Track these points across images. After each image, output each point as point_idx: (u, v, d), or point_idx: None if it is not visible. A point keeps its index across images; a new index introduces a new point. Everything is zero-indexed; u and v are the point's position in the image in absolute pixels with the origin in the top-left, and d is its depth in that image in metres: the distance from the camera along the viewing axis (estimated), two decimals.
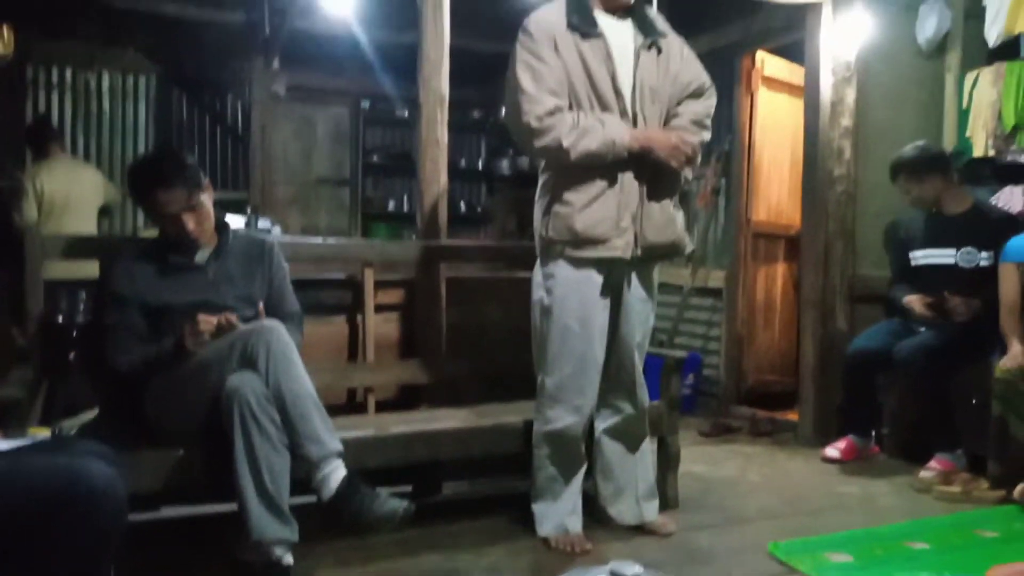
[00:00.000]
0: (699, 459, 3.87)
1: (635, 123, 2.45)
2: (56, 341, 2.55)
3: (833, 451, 3.80)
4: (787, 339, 5.11)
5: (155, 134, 6.37)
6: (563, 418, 2.56)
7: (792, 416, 4.46)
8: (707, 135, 2.60)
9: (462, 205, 7.71)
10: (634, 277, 2.58)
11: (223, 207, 5.61)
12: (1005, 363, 3.20)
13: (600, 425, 2.73)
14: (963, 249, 3.63)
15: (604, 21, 2.48)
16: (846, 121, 4.06)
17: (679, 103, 2.56)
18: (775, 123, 4.89)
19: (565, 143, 2.35)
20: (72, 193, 4.84)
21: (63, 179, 4.84)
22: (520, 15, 3.48)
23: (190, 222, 2.45)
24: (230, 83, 6.55)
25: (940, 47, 4.21)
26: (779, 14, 4.28)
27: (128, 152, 6.29)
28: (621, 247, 2.44)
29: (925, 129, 4.16)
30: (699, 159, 2.58)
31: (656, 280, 2.68)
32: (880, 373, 3.73)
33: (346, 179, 7.15)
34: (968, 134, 4.13)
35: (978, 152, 4.08)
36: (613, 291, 2.56)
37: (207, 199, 2.53)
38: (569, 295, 2.49)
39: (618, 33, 2.49)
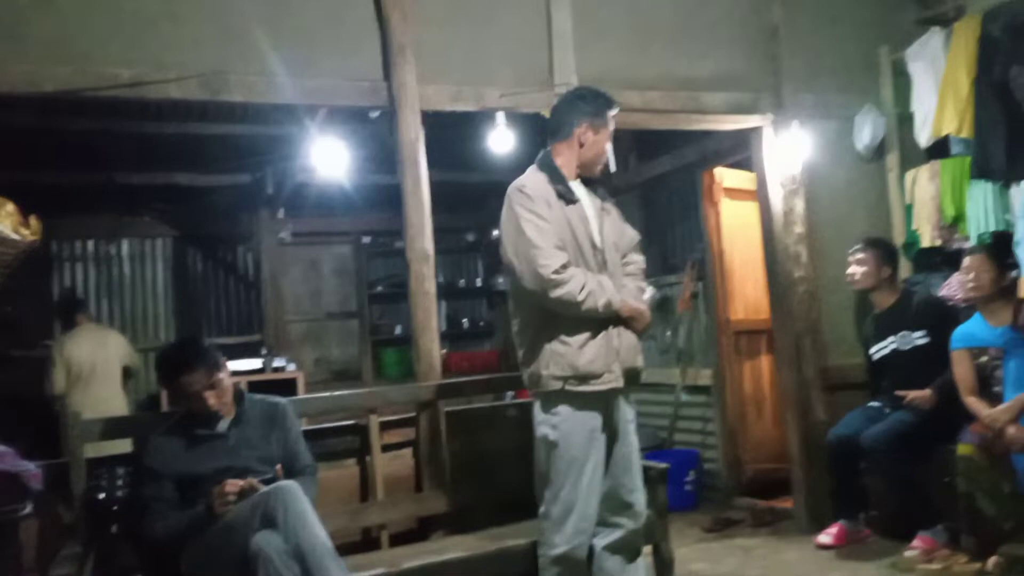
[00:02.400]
0: (700, 557, 4.08)
1: (610, 274, 2.83)
2: (99, 516, 2.86)
3: (826, 537, 4.02)
4: (781, 427, 5.33)
5: (173, 291, 6.85)
6: (571, 541, 2.77)
7: (791, 503, 4.67)
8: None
9: (465, 322, 8.11)
10: (622, 402, 2.88)
11: (239, 351, 6.04)
12: (993, 415, 3.45)
13: (599, 543, 2.90)
14: (899, 334, 4.06)
15: (575, 188, 2.87)
16: (799, 228, 4.43)
17: (625, 255, 2.96)
18: (742, 227, 5.27)
19: (578, 299, 2.68)
20: (98, 359, 5.23)
21: (89, 347, 5.24)
22: (495, 154, 3.90)
23: (211, 398, 2.82)
24: (239, 236, 7.06)
25: (879, 151, 4.64)
26: (729, 135, 4.71)
27: (149, 311, 6.78)
28: (614, 379, 2.77)
29: (875, 226, 4.55)
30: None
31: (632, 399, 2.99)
32: (860, 458, 3.98)
33: (353, 311, 7.58)
34: (915, 227, 4.51)
35: (926, 242, 4.46)
36: (610, 418, 2.84)
37: (225, 376, 2.90)
38: (576, 430, 2.75)
39: (585, 197, 2.89)
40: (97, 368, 5.19)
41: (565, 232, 2.76)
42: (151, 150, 5.64)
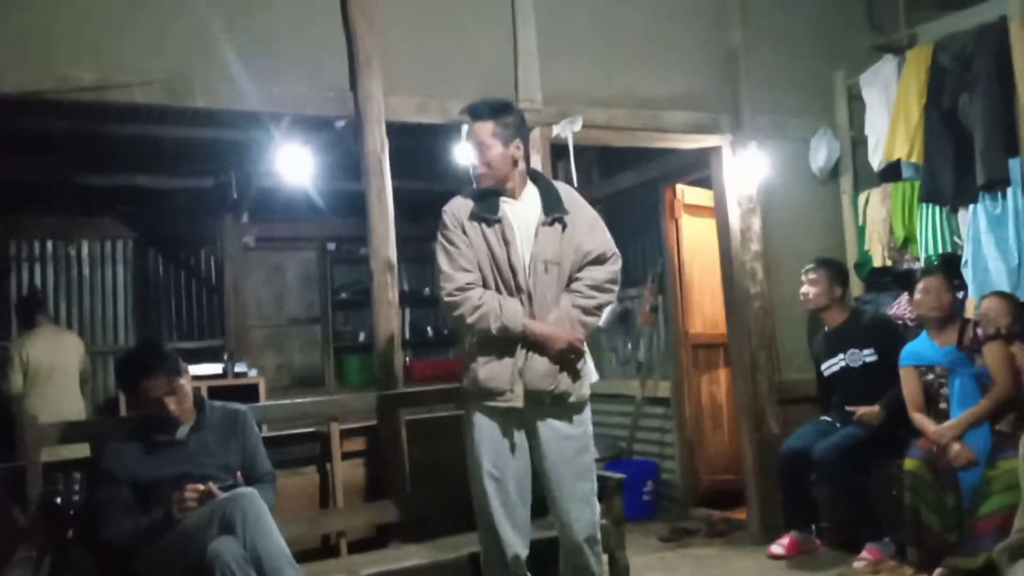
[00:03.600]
0: (656, 567, 4.16)
1: (529, 297, 2.79)
2: (55, 520, 2.84)
3: (778, 548, 4.11)
4: (737, 439, 5.43)
5: (133, 294, 6.77)
6: (501, 552, 2.80)
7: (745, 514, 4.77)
8: (608, 297, 2.90)
9: (429, 330, 8.13)
10: (550, 421, 2.83)
11: (201, 356, 6.01)
12: (940, 432, 3.57)
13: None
14: (848, 352, 4.19)
15: (508, 204, 2.87)
16: (755, 246, 4.54)
17: (581, 269, 2.87)
18: (702, 243, 5.38)
19: (468, 320, 2.74)
20: (56, 361, 5.18)
21: (47, 347, 5.19)
22: (461, 165, 3.93)
23: (171, 404, 2.82)
24: (202, 239, 7.01)
25: (833, 173, 4.78)
26: (690, 153, 4.81)
27: (108, 313, 6.69)
28: (512, 398, 2.76)
29: (828, 246, 4.68)
30: (584, 342, 2.83)
31: (585, 416, 2.90)
32: (811, 470, 4.09)
33: (317, 317, 7.56)
34: (867, 247, 4.65)
35: (877, 263, 4.61)
36: (528, 432, 2.85)
37: (185, 381, 2.90)
38: (483, 440, 2.81)
39: (521, 213, 2.86)
40: (55, 370, 5.14)
41: (482, 254, 2.80)
42: (112, 151, 5.58)
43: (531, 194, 2.92)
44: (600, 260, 2.89)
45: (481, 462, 2.81)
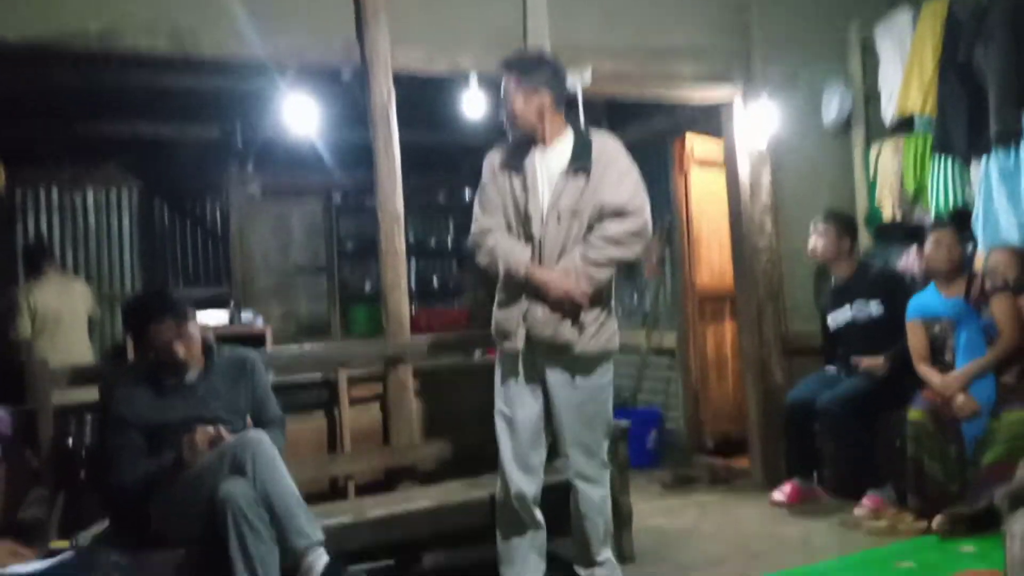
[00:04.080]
0: (659, 512, 4.22)
1: (540, 244, 2.83)
2: (67, 462, 2.90)
3: (779, 495, 4.17)
4: (741, 390, 5.45)
5: (139, 242, 6.76)
6: (507, 488, 2.92)
7: (748, 462, 4.82)
8: (622, 251, 2.85)
9: (435, 280, 8.15)
10: (554, 369, 2.88)
11: (206, 304, 6.03)
12: (945, 383, 3.60)
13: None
14: (855, 304, 4.19)
15: (539, 153, 2.89)
16: (765, 199, 4.52)
17: (601, 220, 2.84)
18: (711, 196, 5.34)
19: (480, 261, 2.95)
20: (64, 308, 5.21)
21: (55, 295, 5.21)
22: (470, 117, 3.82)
23: (180, 349, 2.83)
24: (208, 189, 6.97)
25: (845, 126, 4.73)
26: (699, 106, 4.76)
27: (115, 261, 6.68)
28: (515, 341, 2.87)
29: (838, 199, 4.65)
30: (587, 302, 2.82)
31: (591, 370, 2.91)
32: (815, 420, 4.13)
33: (323, 267, 7.55)
34: (877, 202, 4.62)
35: (887, 216, 4.58)
36: (541, 377, 2.92)
37: (194, 326, 2.91)
38: (499, 381, 2.98)
39: (549, 162, 2.88)
40: (63, 316, 5.16)
41: (508, 200, 2.92)
42: (117, 100, 5.53)
43: (565, 143, 2.92)
44: (620, 213, 2.85)
45: (501, 406, 2.95)
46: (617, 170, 2.89)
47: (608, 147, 2.93)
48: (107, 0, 3.32)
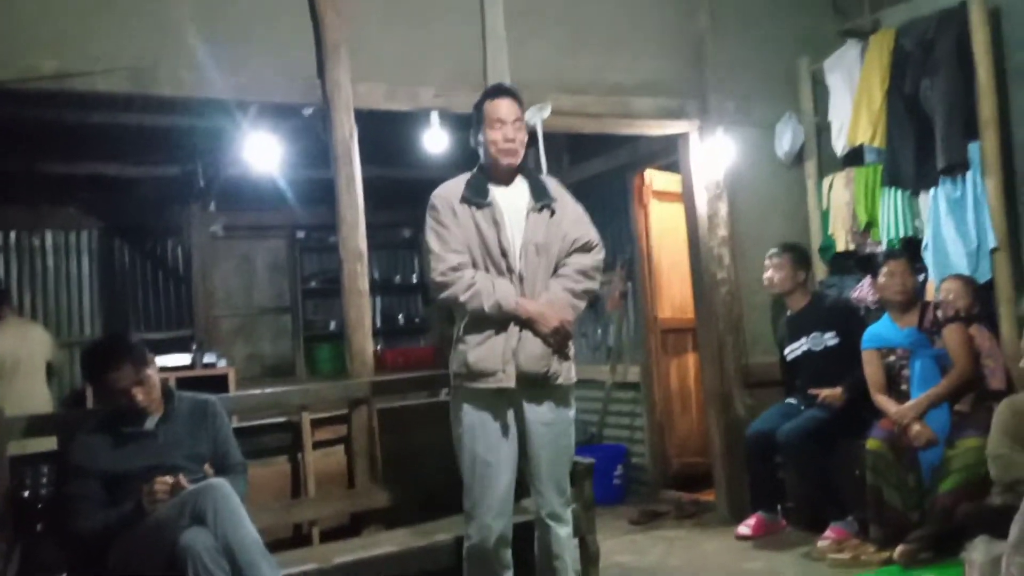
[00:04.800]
0: (626, 549, 4.22)
1: (520, 278, 2.84)
2: (24, 513, 2.83)
3: (745, 528, 4.19)
4: (705, 423, 5.52)
5: (99, 285, 6.67)
6: (475, 536, 2.85)
7: (713, 496, 4.84)
8: (593, 284, 2.95)
9: (400, 318, 8.13)
10: (534, 405, 2.87)
11: (169, 346, 5.96)
12: (901, 412, 3.64)
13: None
14: (811, 336, 4.27)
15: (497, 191, 2.91)
16: (722, 231, 4.60)
17: (568, 255, 2.92)
18: (670, 229, 5.43)
19: (461, 299, 2.76)
20: (22, 353, 5.10)
21: (12, 340, 5.11)
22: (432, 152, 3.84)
23: (139, 394, 2.81)
24: (169, 229, 6.93)
25: (798, 158, 4.83)
26: (658, 139, 4.85)
27: (74, 304, 6.59)
28: (503, 379, 2.78)
29: (793, 230, 4.75)
30: (571, 330, 2.88)
31: (568, 402, 2.95)
32: (777, 452, 4.17)
33: (287, 306, 7.51)
34: (831, 232, 4.72)
35: (840, 247, 4.68)
36: (516, 416, 2.88)
37: (153, 372, 2.89)
38: (474, 426, 2.84)
39: (510, 199, 2.91)
40: (21, 362, 5.06)
41: (471, 236, 2.84)
42: (76, 139, 5.49)
43: (519, 183, 2.97)
44: (586, 248, 2.96)
45: (473, 448, 2.83)
46: (572, 208, 3.01)
47: (557, 186, 3.04)
48: (64, 39, 3.31)
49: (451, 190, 2.91)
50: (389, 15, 3.92)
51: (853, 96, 4.52)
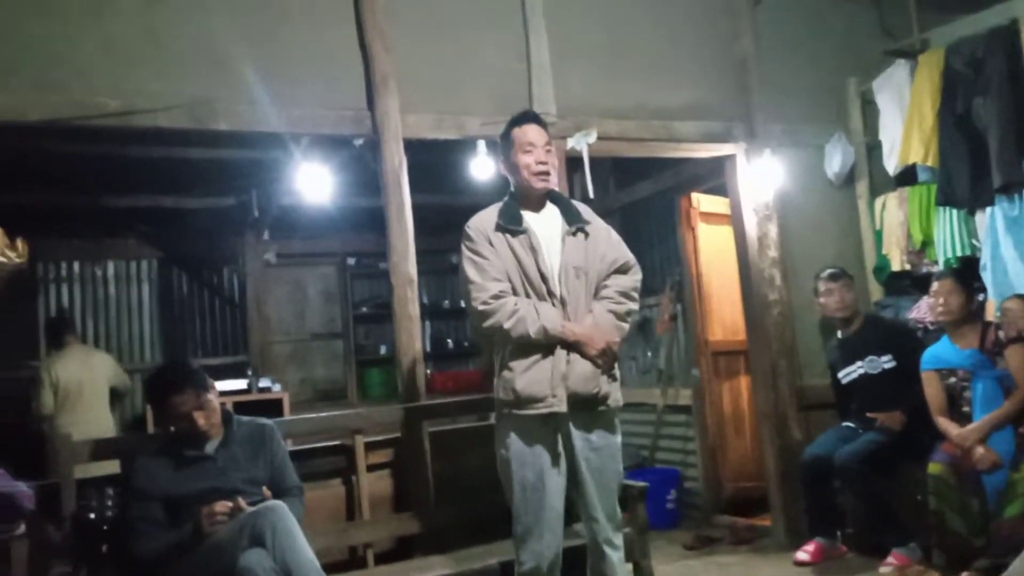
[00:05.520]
0: (681, 574, 4.18)
1: (562, 302, 2.84)
2: (89, 536, 2.91)
3: (803, 555, 4.11)
4: (759, 446, 5.43)
5: (159, 312, 6.87)
6: (528, 562, 2.83)
7: (769, 521, 4.76)
8: (634, 305, 2.97)
9: (449, 342, 8.19)
10: (582, 431, 2.84)
11: (225, 372, 6.09)
12: (963, 435, 3.57)
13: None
14: (866, 359, 4.20)
15: (530, 217, 2.93)
16: (773, 253, 4.56)
17: (607, 277, 2.94)
18: (719, 251, 5.40)
19: (506, 326, 2.75)
20: (85, 380, 5.24)
21: (76, 367, 5.26)
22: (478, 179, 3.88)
23: (200, 419, 2.89)
24: (225, 258, 7.10)
25: (849, 178, 4.79)
26: (704, 162, 4.85)
27: (135, 331, 6.78)
28: (554, 403, 2.77)
29: (845, 251, 4.70)
30: (618, 350, 2.86)
31: (614, 427, 2.92)
32: (834, 477, 4.09)
33: (338, 332, 7.62)
34: (885, 252, 4.66)
35: (896, 267, 4.61)
36: (565, 443, 2.87)
37: (213, 396, 2.97)
38: (524, 451, 2.82)
39: (544, 225, 2.93)
40: (84, 389, 5.20)
41: (510, 263, 2.84)
42: (136, 173, 5.67)
43: (550, 208, 3.00)
44: (624, 269, 2.98)
45: (523, 474, 2.80)
46: (606, 230, 3.04)
47: (587, 210, 3.05)
48: (125, 78, 3.44)
49: (485, 219, 2.92)
50: (435, 46, 4.00)
51: (903, 116, 4.47)
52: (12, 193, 5.44)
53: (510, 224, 2.88)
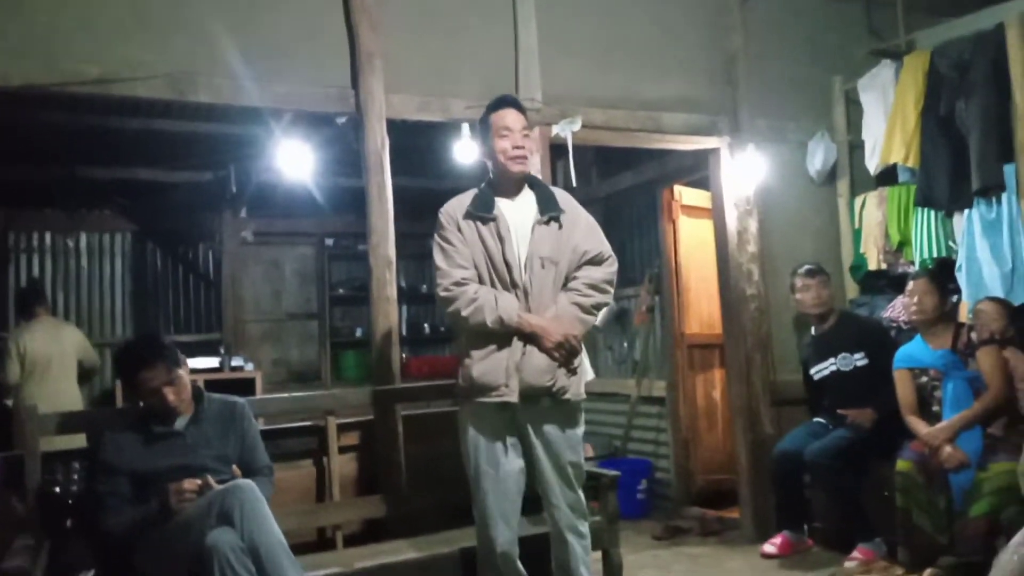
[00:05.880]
0: (649, 564, 4.19)
1: (525, 292, 2.82)
2: (54, 509, 2.87)
3: (770, 547, 4.15)
4: (731, 440, 5.46)
5: (131, 287, 6.77)
6: (483, 546, 2.87)
7: (738, 513, 4.80)
8: (606, 297, 2.95)
9: (426, 327, 8.15)
10: (539, 421, 2.84)
11: (198, 349, 6.02)
12: (932, 434, 3.60)
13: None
14: (839, 356, 4.23)
15: (504, 204, 2.91)
16: (752, 247, 4.58)
17: (578, 268, 2.91)
18: (698, 245, 5.40)
19: (463, 312, 2.76)
20: (53, 352, 5.17)
21: (45, 339, 5.18)
22: (462, 163, 3.83)
23: (170, 395, 2.85)
24: (201, 234, 7.01)
25: (830, 176, 4.81)
26: (688, 154, 4.85)
27: (107, 305, 6.69)
28: (506, 393, 2.77)
29: (824, 248, 4.72)
30: (581, 345, 2.84)
31: (576, 420, 2.91)
32: (804, 471, 4.13)
33: (314, 313, 7.56)
34: (862, 250, 4.69)
35: (872, 266, 4.64)
36: (521, 432, 2.87)
37: (184, 373, 2.93)
38: (478, 439, 2.83)
39: (517, 212, 2.91)
40: (52, 361, 5.13)
41: (477, 251, 2.84)
42: (113, 145, 5.58)
43: (526, 195, 2.97)
44: (597, 260, 2.95)
45: (478, 461, 2.84)
46: (584, 219, 3.00)
47: (567, 198, 3.02)
48: (107, 46, 3.38)
49: (457, 206, 2.92)
50: (423, 28, 3.96)
51: (887, 116, 4.50)
52: None
53: (480, 211, 2.87)
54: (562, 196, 3.01)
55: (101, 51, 3.36)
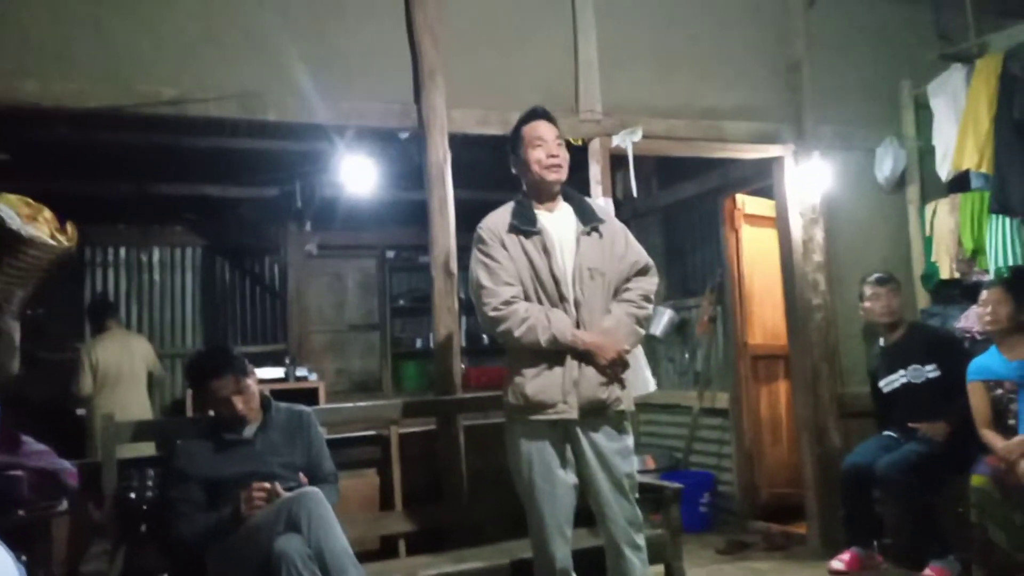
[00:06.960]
0: None
1: (576, 305, 2.79)
2: (129, 515, 2.95)
3: (838, 563, 4.05)
4: (796, 453, 5.35)
5: (201, 299, 6.99)
6: (540, 561, 2.83)
7: (805, 528, 4.69)
8: (652, 310, 2.96)
9: (484, 339, 8.17)
10: (591, 432, 2.80)
11: (263, 360, 6.16)
12: (1008, 448, 3.48)
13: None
14: (910, 368, 4.12)
15: (544, 217, 2.88)
16: (818, 257, 4.49)
17: (627, 279, 2.90)
18: (762, 254, 5.33)
19: (516, 333, 2.71)
20: (124, 363, 5.35)
21: (116, 351, 5.36)
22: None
23: (239, 403, 2.93)
24: (267, 247, 7.21)
25: (899, 183, 4.70)
26: (750, 163, 4.79)
27: (177, 318, 6.92)
28: (565, 409, 2.74)
29: (893, 257, 4.62)
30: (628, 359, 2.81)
31: (625, 428, 2.87)
32: (874, 486, 4.02)
33: (376, 324, 7.68)
34: (934, 259, 4.56)
35: (944, 275, 4.52)
36: (575, 448, 2.82)
37: (252, 382, 3.00)
38: (532, 454, 2.79)
39: (558, 225, 2.87)
40: (124, 372, 5.30)
41: (523, 266, 2.79)
42: (184, 162, 5.78)
43: (563, 206, 2.94)
44: (644, 271, 2.94)
45: (532, 478, 2.80)
46: (622, 229, 2.97)
47: (602, 207, 3.02)
48: (181, 68, 3.50)
49: (498, 220, 2.87)
50: (484, 43, 4.00)
51: (958, 121, 4.37)
52: (63, 180, 5.56)
53: (524, 225, 2.82)
54: (598, 206, 3.00)
55: (175, 73, 3.49)
